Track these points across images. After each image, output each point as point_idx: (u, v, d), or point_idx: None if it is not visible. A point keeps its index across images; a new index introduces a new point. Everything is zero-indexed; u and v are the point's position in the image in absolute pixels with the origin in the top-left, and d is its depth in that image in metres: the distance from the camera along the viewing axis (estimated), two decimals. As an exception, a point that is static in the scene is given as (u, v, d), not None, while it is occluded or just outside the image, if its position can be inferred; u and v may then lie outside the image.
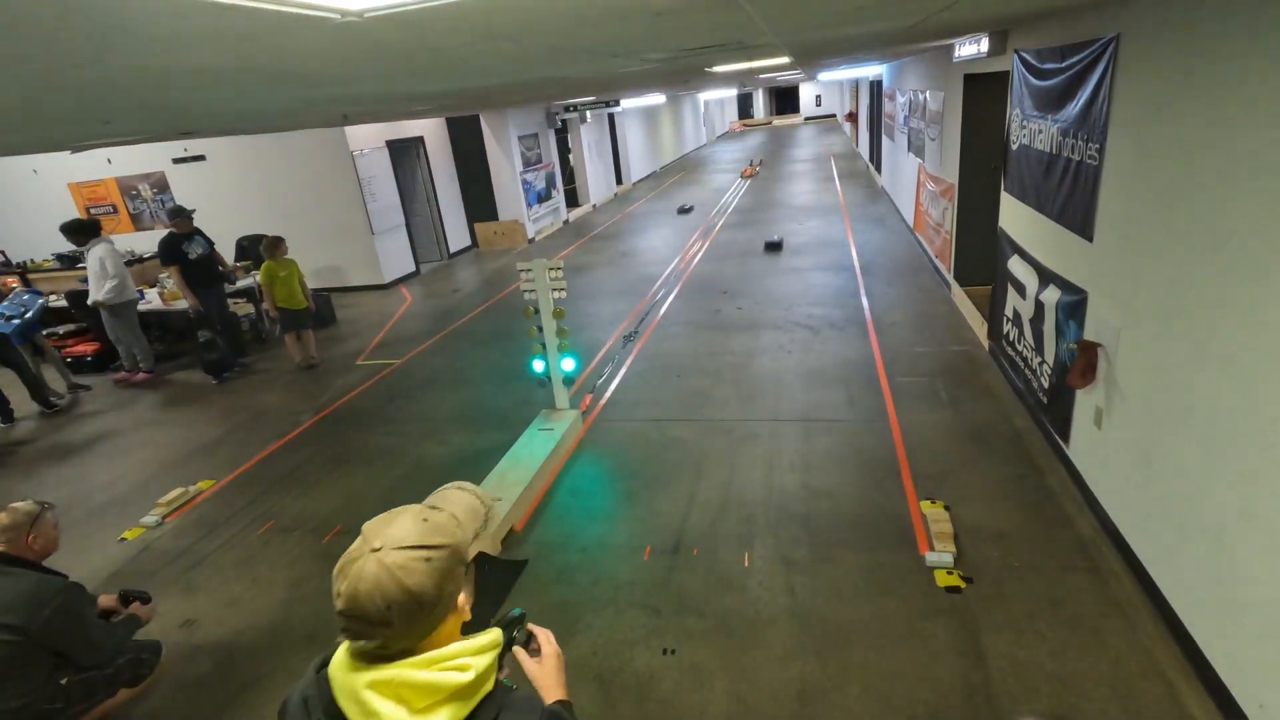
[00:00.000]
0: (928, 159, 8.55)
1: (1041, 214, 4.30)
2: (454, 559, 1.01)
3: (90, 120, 3.17)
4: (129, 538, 4.46)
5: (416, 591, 0.95)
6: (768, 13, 2.45)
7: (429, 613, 0.98)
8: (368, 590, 0.94)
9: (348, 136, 9.91)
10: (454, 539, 1.03)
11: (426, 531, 1.00)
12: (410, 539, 0.98)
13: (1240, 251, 2.32)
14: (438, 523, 1.03)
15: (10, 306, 6.49)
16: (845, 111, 28.35)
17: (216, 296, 7.34)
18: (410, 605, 0.95)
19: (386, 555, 0.96)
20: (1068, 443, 4.01)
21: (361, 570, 0.95)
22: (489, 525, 1.15)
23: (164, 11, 1.14)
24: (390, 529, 1.00)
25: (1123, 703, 2.60)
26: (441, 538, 1.01)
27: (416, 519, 1.02)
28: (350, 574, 0.96)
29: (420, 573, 0.96)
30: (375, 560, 0.96)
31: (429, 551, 0.98)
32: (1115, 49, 3.20)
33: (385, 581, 0.94)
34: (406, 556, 0.96)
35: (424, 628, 0.99)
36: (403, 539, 0.98)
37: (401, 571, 0.95)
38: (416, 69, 2.73)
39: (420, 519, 1.02)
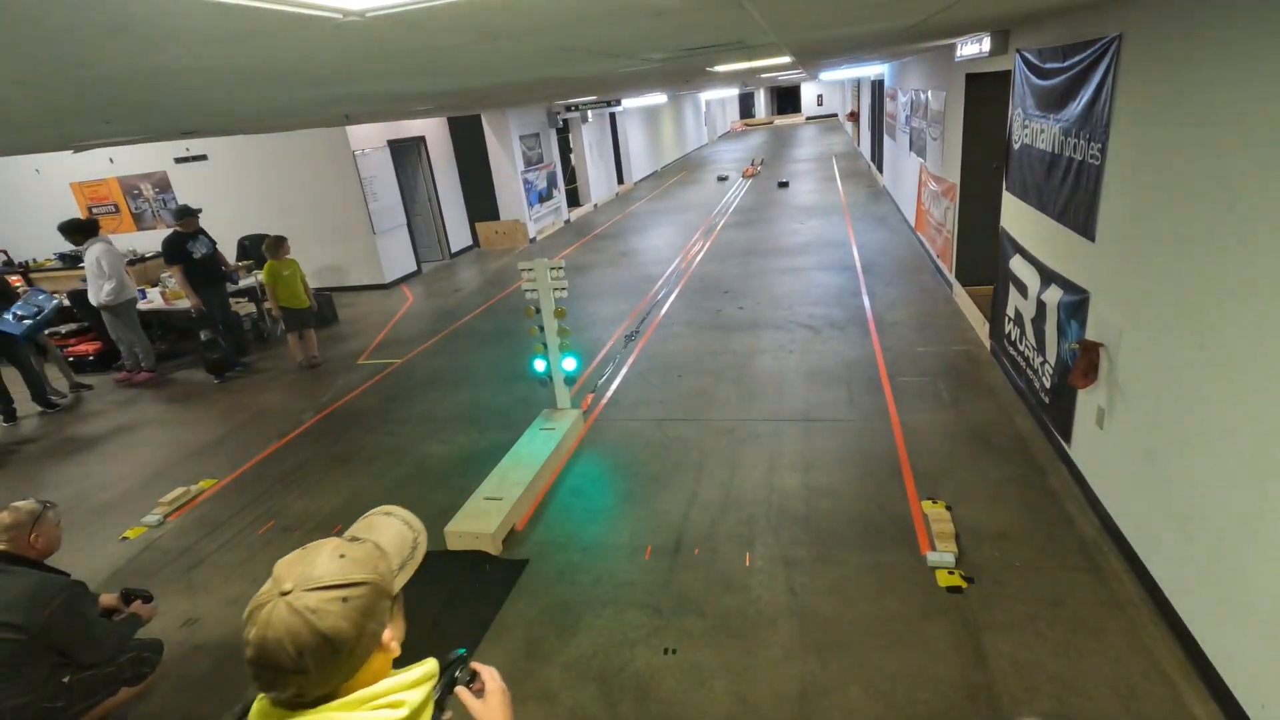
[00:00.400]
0: (929, 158, 8.54)
1: (1043, 214, 4.30)
2: (375, 595, 0.94)
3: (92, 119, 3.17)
4: (131, 536, 4.47)
5: (332, 636, 0.89)
6: (769, 12, 2.45)
7: (348, 656, 0.91)
8: (277, 638, 0.87)
9: (349, 136, 9.92)
10: (375, 573, 0.96)
11: (344, 568, 0.93)
12: (325, 578, 0.91)
13: (1243, 251, 2.32)
14: (357, 556, 0.96)
15: (24, 306, 6.50)
16: (847, 111, 28.33)
17: (219, 296, 7.35)
18: (326, 650, 0.88)
19: (297, 598, 0.89)
20: (1069, 443, 4.00)
21: (270, 616, 0.88)
22: (418, 553, 1.07)
23: (166, 11, 1.14)
24: (303, 567, 0.93)
25: (1124, 703, 2.59)
26: (361, 573, 0.94)
27: (333, 555, 0.94)
28: (259, 620, 0.89)
29: (336, 614, 0.89)
30: (285, 604, 0.88)
31: (345, 590, 0.91)
32: (1117, 49, 3.19)
33: (297, 627, 0.87)
34: (320, 598, 0.89)
35: (343, 672, 0.92)
36: (316, 579, 0.91)
37: (314, 615, 0.88)
38: (418, 68, 2.73)
39: (337, 555, 0.95)
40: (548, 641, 3.20)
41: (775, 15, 2.57)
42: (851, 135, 25.36)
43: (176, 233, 6.94)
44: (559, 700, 2.88)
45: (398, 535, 1.06)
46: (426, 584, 3.66)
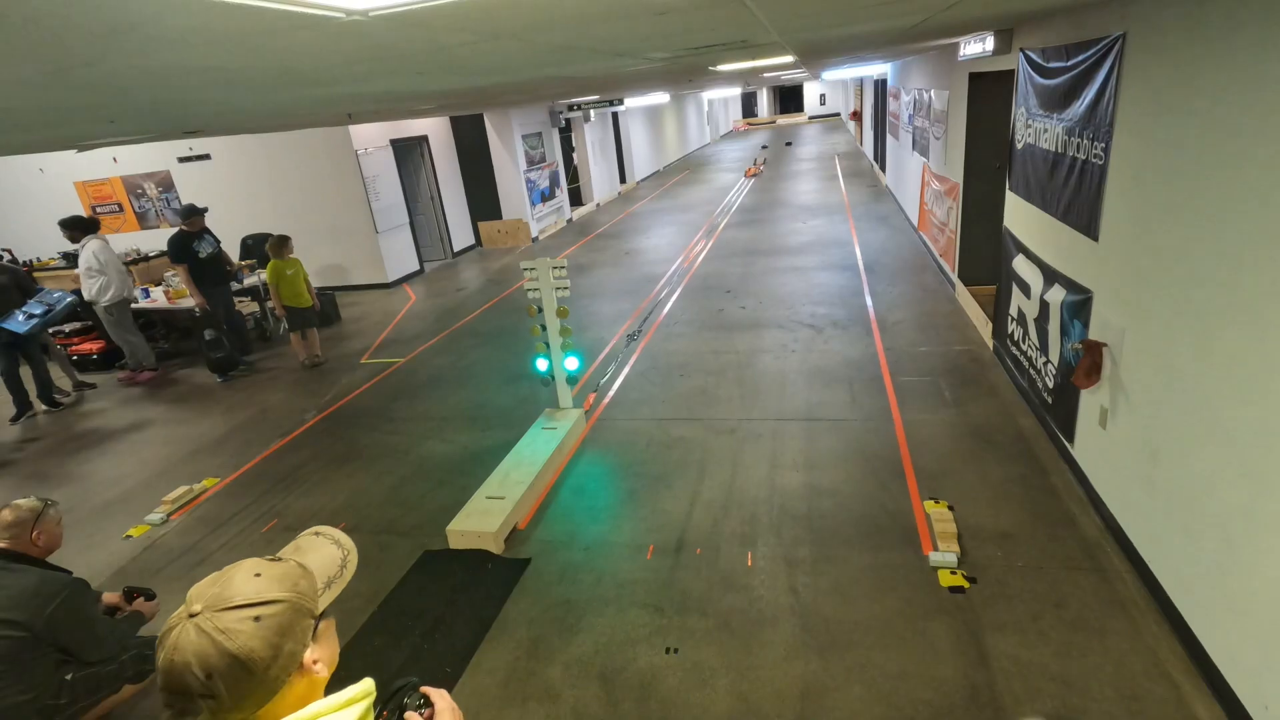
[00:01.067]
0: (932, 158, 8.53)
1: (1046, 213, 4.29)
2: (293, 614, 0.91)
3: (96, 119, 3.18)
4: (134, 535, 4.48)
5: (243, 657, 0.85)
6: (772, 11, 2.44)
7: (261, 679, 0.87)
8: (184, 661, 0.84)
9: (352, 135, 9.93)
10: (293, 591, 0.92)
11: (259, 587, 0.90)
12: (237, 597, 0.89)
13: (1246, 251, 2.31)
14: (274, 575, 0.93)
15: (36, 304, 6.52)
16: (849, 110, 28.29)
17: (223, 296, 7.36)
18: (237, 672, 0.85)
19: (206, 619, 0.86)
20: (1072, 442, 4.00)
21: (178, 639, 0.85)
22: (347, 571, 1.03)
23: (170, 11, 1.14)
24: (216, 589, 0.90)
25: (1127, 704, 2.59)
26: (277, 591, 0.91)
27: (248, 575, 0.92)
28: (166, 644, 0.86)
29: (246, 634, 0.86)
30: (194, 626, 0.86)
31: (259, 609, 0.88)
32: (1121, 47, 3.18)
33: (205, 648, 0.84)
34: (231, 618, 0.86)
35: (258, 697, 0.87)
36: (229, 598, 0.88)
37: (223, 636, 0.85)
38: (421, 68, 2.73)
39: (253, 574, 0.92)
40: (550, 640, 3.21)
41: (778, 14, 2.57)
42: (854, 134, 25.32)
43: (182, 232, 6.94)
44: (561, 699, 2.88)
45: (325, 555, 1.02)
46: (428, 583, 3.67)
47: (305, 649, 0.92)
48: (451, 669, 3.08)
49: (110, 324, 7.16)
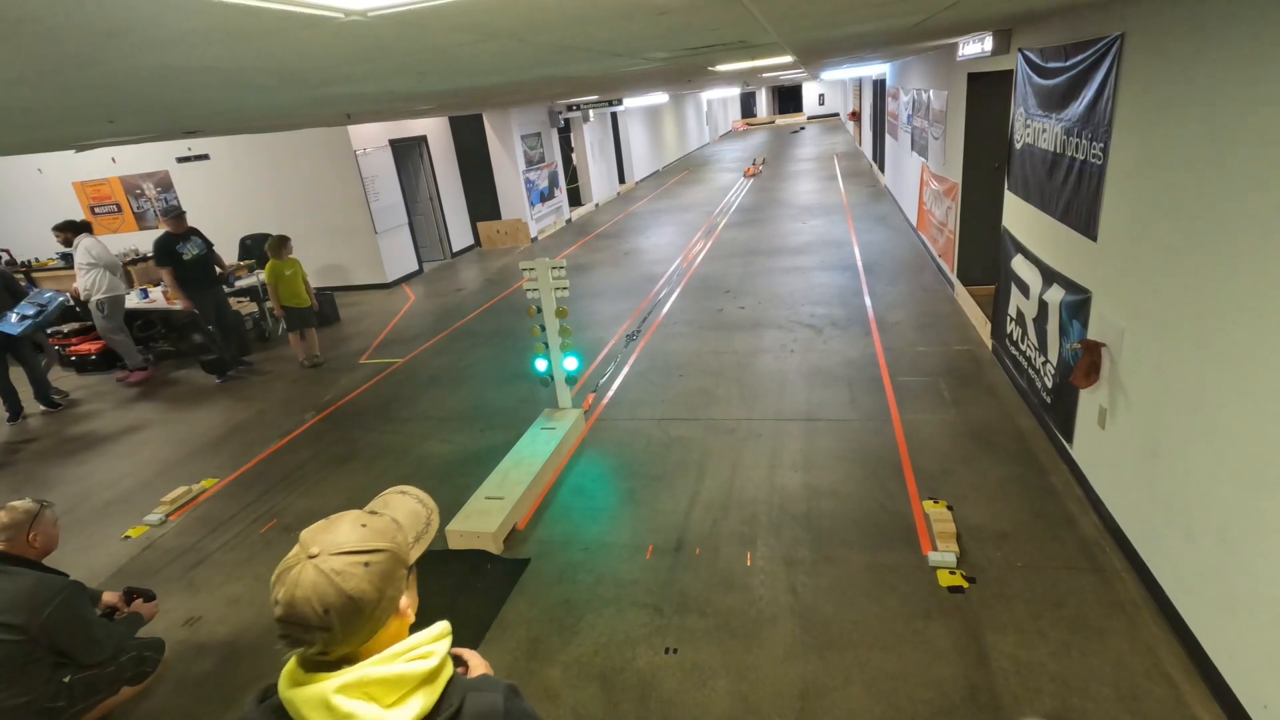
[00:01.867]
0: (931, 158, 8.53)
1: (1045, 213, 4.29)
2: (394, 562, 1.01)
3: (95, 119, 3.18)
4: (133, 535, 4.48)
5: (355, 596, 0.95)
6: (770, 12, 2.45)
7: (369, 617, 0.97)
8: (305, 596, 0.94)
9: (351, 136, 9.93)
10: (394, 543, 1.03)
11: (365, 536, 1.00)
12: (348, 544, 0.98)
13: (1245, 251, 2.32)
14: (377, 527, 1.03)
15: (28, 305, 6.52)
16: (848, 110, 28.31)
17: (213, 298, 7.15)
18: (349, 609, 0.95)
19: (324, 561, 0.96)
20: (1071, 442, 4.00)
21: (298, 577, 0.95)
22: (430, 529, 1.13)
23: (169, 11, 1.14)
24: (328, 535, 1.00)
25: (1126, 703, 2.59)
26: (380, 542, 1.01)
27: (355, 524, 1.02)
28: (287, 581, 0.95)
29: (358, 577, 0.96)
30: (312, 567, 0.95)
31: (367, 556, 0.98)
32: (1120, 48, 3.19)
33: (323, 587, 0.94)
34: (344, 561, 0.96)
35: (364, 633, 0.98)
36: (340, 544, 0.98)
37: (339, 577, 0.95)
38: (420, 68, 2.73)
39: (359, 524, 1.02)
40: (549, 641, 3.21)
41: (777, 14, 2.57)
42: (853, 135, 25.34)
43: (167, 234, 6.80)
44: (560, 699, 2.88)
45: (412, 511, 1.13)
46: (428, 583, 3.66)
47: (402, 595, 1.03)
48: (451, 669, 3.08)
49: (100, 320, 7.15)
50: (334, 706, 0.94)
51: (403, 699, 0.98)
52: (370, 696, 0.96)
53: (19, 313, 6.40)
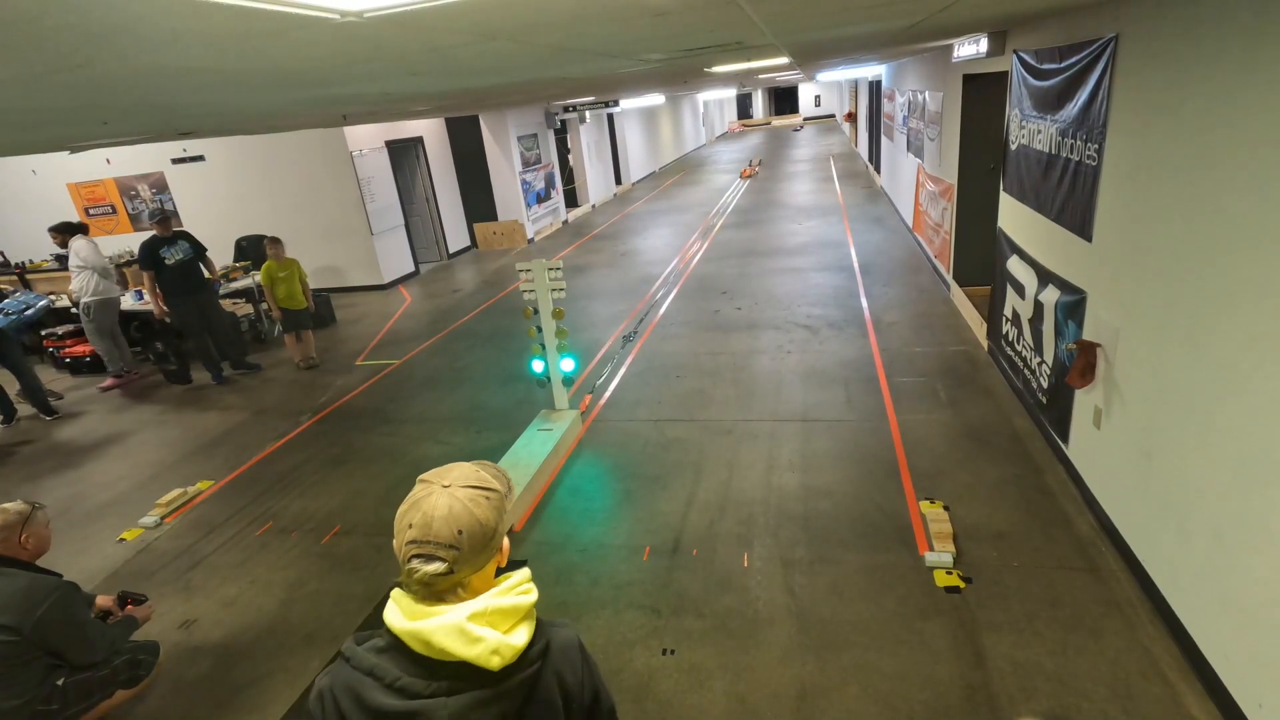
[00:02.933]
0: (927, 159, 8.55)
1: (1040, 214, 4.31)
2: (503, 501, 1.17)
3: (89, 120, 3.17)
4: (128, 538, 4.46)
5: (483, 521, 1.10)
6: (766, 13, 2.45)
7: (488, 543, 1.12)
8: (444, 516, 1.08)
9: (347, 137, 9.91)
10: (504, 486, 1.20)
11: (484, 477, 1.16)
12: (473, 480, 1.14)
13: (1240, 251, 2.33)
14: (491, 472, 1.19)
15: (14, 303, 6.48)
16: (844, 112, 28.36)
17: (196, 305, 6.88)
18: (478, 532, 1.10)
19: (456, 490, 1.11)
20: (1067, 443, 4.01)
21: (436, 501, 1.09)
22: (514, 492, 1.32)
23: (163, 12, 1.14)
24: (452, 474, 1.14)
25: (1122, 702, 2.60)
26: (495, 483, 1.17)
27: (474, 468, 1.17)
28: (424, 506, 1.10)
29: (485, 507, 1.12)
30: (448, 494, 1.10)
31: (488, 491, 1.14)
32: (1114, 49, 3.20)
33: (458, 510, 1.09)
34: (473, 493, 1.12)
35: (483, 557, 1.12)
36: (467, 480, 1.13)
37: (472, 504, 1.10)
38: (416, 69, 2.73)
39: (475, 469, 1.17)
40: (546, 642, 3.20)
41: (772, 15, 2.57)
42: (849, 136, 25.39)
43: (153, 237, 6.67)
44: (557, 701, 2.87)
45: (496, 473, 1.25)
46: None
47: (507, 532, 1.18)
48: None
49: (85, 323, 7.12)
50: (467, 631, 1.07)
51: (513, 627, 1.11)
52: (493, 624, 1.09)
53: (2, 309, 6.36)
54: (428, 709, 1.08)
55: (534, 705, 1.14)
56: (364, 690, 1.10)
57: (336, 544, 4.13)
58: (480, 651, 1.06)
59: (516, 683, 1.12)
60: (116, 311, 7.32)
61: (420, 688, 1.08)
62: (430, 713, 1.08)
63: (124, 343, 7.54)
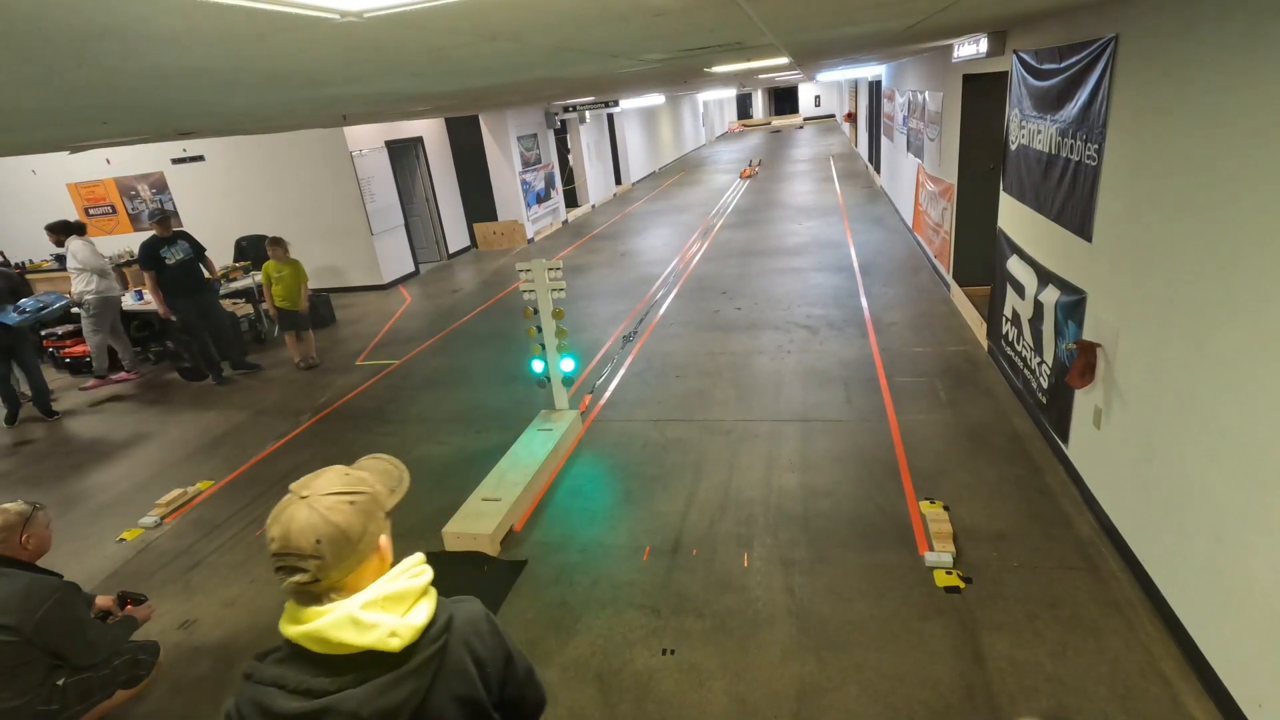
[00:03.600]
0: (927, 159, 8.55)
1: (1040, 214, 4.31)
2: (374, 504, 1.17)
3: (89, 120, 3.17)
4: (128, 538, 4.46)
5: (344, 527, 1.10)
6: (766, 13, 2.45)
7: (354, 547, 1.11)
8: (299, 528, 1.08)
9: (347, 137, 9.91)
10: (373, 489, 1.18)
11: (348, 482, 1.16)
12: (334, 488, 1.14)
13: (1239, 251, 2.33)
14: (357, 476, 1.19)
15: (31, 301, 6.47)
16: (844, 112, 28.36)
17: (197, 305, 6.91)
18: (339, 539, 1.09)
19: (315, 500, 1.11)
20: (1067, 443, 4.01)
21: (293, 514, 1.10)
22: (403, 485, 1.30)
23: (163, 12, 1.14)
24: (316, 481, 1.15)
25: (1122, 703, 2.60)
26: (362, 486, 1.17)
27: (339, 474, 1.17)
28: (282, 518, 1.10)
29: (345, 512, 1.11)
30: (305, 505, 1.10)
31: (352, 496, 1.14)
32: (1114, 49, 3.20)
33: (315, 520, 1.08)
34: (333, 500, 1.11)
35: (350, 561, 1.11)
36: (328, 488, 1.13)
37: (329, 511, 1.10)
38: (416, 69, 2.73)
39: (342, 474, 1.18)
40: (546, 642, 3.20)
41: (773, 15, 2.57)
42: (849, 136, 25.39)
43: (153, 237, 6.68)
44: (558, 701, 2.88)
45: (384, 470, 1.29)
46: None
47: (382, 534, 1.19)
48: (447, 671, 3.07)
49: (85, 320, 7.13)
50: (360, 620, 1.08)
51: (409, 609, 1.14)
52: (386, 609, 1.11)
53: (18, 308, 6.36)
54: (335, 704, 1.08)
55: (446, 679, 1.16)
56: (270, 700, 1.10)
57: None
58: (378, 636, 1.08)
59: (422, 660, 1.13)
60: (118, 309, 7.32)
61: (326, 685, 1.09)
62: (338, 706, 1.08)
63: (127, 342, 7.54)
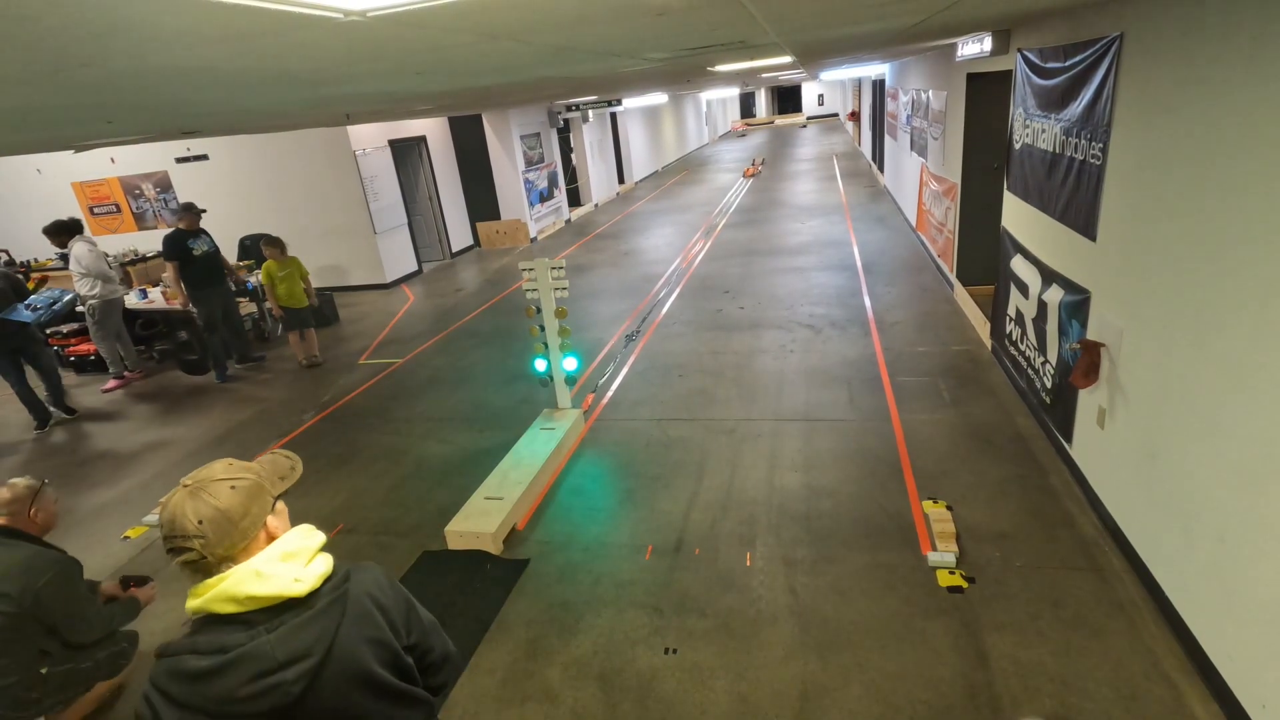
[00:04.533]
0: (930, 158, 8.54)
1: (1044, 213, 4.30)
2: (257, 488, 1.26)
3: (94, 119, 3.18)
4: (132, 536, 4.48)
5: (224, 509, 1.19)
6: (770, 12, 2.45)
7: (237, 526, 1.20)
8: (182, 513, 1.18)
9: (350, 136, 9.92)
10: (257, 475, 1.28)
11: (232, 470, 1.25)
12: (217, 475, 1.23)
13: (1244, 251, 2.32)
14: (242, 465, 1.29)
15: (41, 298, 6.47)
16: (848, 111, 28.32)
17: (220, 297, 7.16)
18: (220, 519, 1.18)
19: (197, 488, 1.20)
20: (1070, 442, 4.00)
21: (178, 500, 1.19)
22: (295, 473, 1.41)
23: (167, 11, 1.14)
24: (202, 472, 1.24)
25: (1125, 703, 2.59)
26: (245, 473, 1.26)
27: (223, 463, 1.27)
28: (170, 506, 1.19)
29: (227, 496, 1.20)
30: (187, 492, 1.20)
31: (234, 480, 1.23)
32: (1119, 48, 3.19)
33: (198, 505, 1.18)
34: (214, 485, 1.21)
35: (235, 538, 1.20)
36: (211, 476, 1.23)
37: (210, 497, 1.19)
38: (419, 68, 2.73)
39: (226, 463, 1.27)
40: (548, 641, 3.20)
41: (776, 14, 2.57)
42: (852, 135, 25.35)
43: (178, 229, 6.88)
44: (560, 700, 2.88)
45: (274, 460, 1.39)
46: (427, 584, 3.67)
47: (268, 515, 1.27)
48: (450, 670, 3.08)
49: (90, 324, 7.15)
50: (262, 571, 1.19)
51: (310, 558, 1.26)
52: (286, 561, 1.23)
53: (29, 305, 6.34)
54: (249, 652, 1.17)
55: (353, 620, 1.26)
56: (183, 665, 1.17)
57: (339, 542, 4.13)
58: (283, 582, 1.20)
59: (327, 603, 1.24)
60: (120, 312, 7.34)
61: (240, 638, 1.18)
62: (253, 654, 1.17)
63: (129, 342, 7.57)
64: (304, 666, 1.19)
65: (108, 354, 7.33)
